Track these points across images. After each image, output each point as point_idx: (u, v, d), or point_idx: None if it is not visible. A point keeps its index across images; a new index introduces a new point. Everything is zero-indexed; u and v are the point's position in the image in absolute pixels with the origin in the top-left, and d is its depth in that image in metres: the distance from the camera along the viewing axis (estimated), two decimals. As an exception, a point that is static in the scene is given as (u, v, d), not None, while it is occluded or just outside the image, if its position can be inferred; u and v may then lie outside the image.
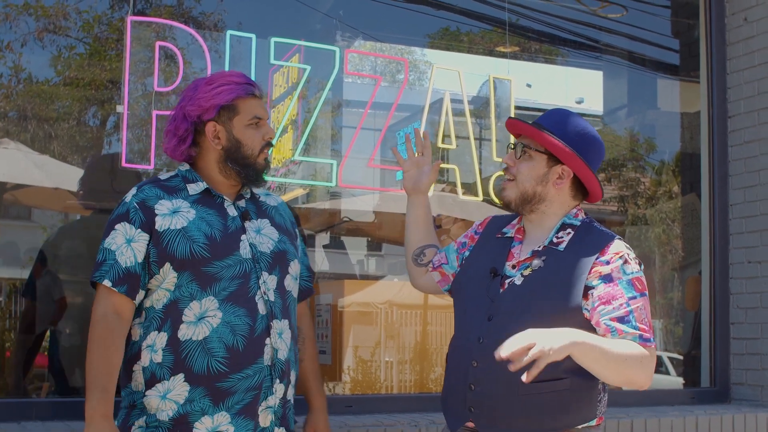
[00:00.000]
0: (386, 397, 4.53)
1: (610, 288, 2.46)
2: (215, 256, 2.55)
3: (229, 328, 2.52)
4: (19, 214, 4.62)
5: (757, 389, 4.62)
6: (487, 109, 4.67)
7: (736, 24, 4.86)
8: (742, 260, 4.74)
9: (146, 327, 2.57)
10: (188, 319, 2.52)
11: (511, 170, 2.66)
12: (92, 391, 2.45)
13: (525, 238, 2.68)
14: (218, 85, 2.64)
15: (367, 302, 5.45)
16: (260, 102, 2.69)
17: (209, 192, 2.65)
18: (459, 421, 2.63)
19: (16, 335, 4.45)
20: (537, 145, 2.63)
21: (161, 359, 2.52)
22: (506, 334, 2.32)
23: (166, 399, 2.51)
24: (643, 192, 6.24)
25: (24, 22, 4.16)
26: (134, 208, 2.57)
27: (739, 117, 4.82)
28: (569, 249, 2.57)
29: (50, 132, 4.36)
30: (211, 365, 2.50)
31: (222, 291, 2.54)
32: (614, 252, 2.52)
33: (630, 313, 2.43)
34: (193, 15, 4.47)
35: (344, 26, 4.82)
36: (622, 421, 4.03)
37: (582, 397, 2.55)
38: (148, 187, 2.63)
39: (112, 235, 2.55)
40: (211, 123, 2.64)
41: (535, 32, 5.38)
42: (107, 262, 2.53)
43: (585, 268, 2.50)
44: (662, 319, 6.17)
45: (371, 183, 4.92)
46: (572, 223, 2.64)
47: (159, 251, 2.54)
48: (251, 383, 2.53)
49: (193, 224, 2.56)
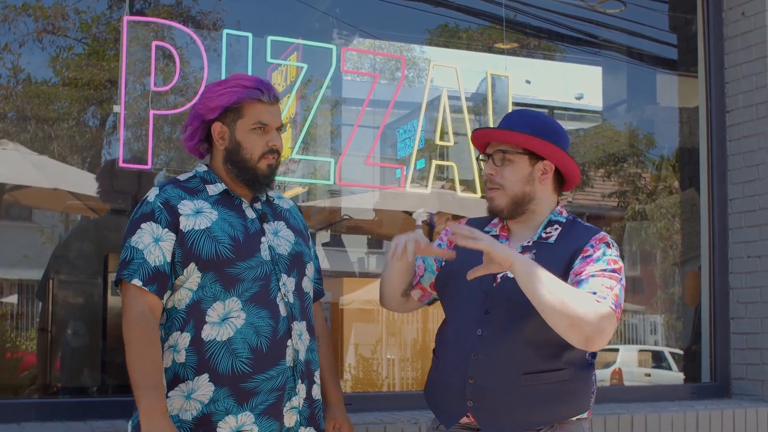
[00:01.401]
0: (386, 395, 4.54)
1: (585, 264, 2.53)
2: (239, 257, 2.56)
3: (253, 329, 2.54)
4: (19, 215, 4.62)
5: (757, 384, 4.62)
6: (485, 105, 4.67)
7: (734, 18, 4.86)
8: (742, 255, 4.74)
9: (168, 328, 2.58)
10: (212, 319, 2.53)
11: (494, 179, 2.67)
12: (145, 390, 2.43)
13: (511, 236, 2.72)
14: (227, 87, 2.66)
15: (368, 300, 5.45)
16: (269, 108, 2.67)
17: (228, 193, 2.67)
18: (455, 416, 2.64)
19: (17, 335, 4.46)
20: (514, 147, 2.66)
21: (184, 359, 2.53)
22: (506, 325, 2.39)
23: (191, 399, 2.52)
24: (643, 187, 6.24)
25: (22, 23, 4.17)
26: (159, 208, 2.57)
27: (737, 111, 4.82)
28: (558, 241, 2.64)
29: (49, 132, 4.36)
30: (236, 366, 2.51)
31: (245, 292, 2.55)
32: (599, 239, 2.61)
33: (590, 277, 2.48)
34: (190, 14, 4.48)
35: (341, 24, 4.82)
36: (622, 416, 4.04)
37: (579, 388, 2.61)
38: (170, 187, 2.64)
39: (139, 234, 2.55)
40: (217, 123, 2.66)
41: (533, 28, 5.38)
42: (135, 261, 2.52)
43: (575, 255, 2.58)
44: (663, 314, 6.18)
45: (370, 180, 4.92)
46: (558, 220, 2.71)
47: (184, 251, 2.54)
48: (275, 384, 2.55)
49: (216, 225, 2.58)
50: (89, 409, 3.48)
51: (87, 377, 4.19)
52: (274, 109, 2.68)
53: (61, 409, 3.47)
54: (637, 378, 7.67)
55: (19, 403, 3.59)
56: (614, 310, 2.44)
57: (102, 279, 4.17)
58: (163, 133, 4.39)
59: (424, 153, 4.78)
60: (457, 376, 2.60)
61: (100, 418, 3.41)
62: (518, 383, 2.53)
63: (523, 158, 2.66)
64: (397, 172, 4.83)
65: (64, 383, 4.20)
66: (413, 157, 4.55)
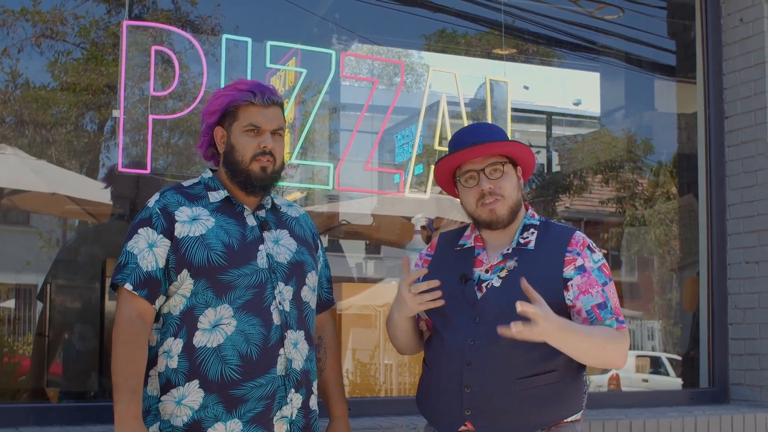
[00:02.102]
0: (384, 400, 4.53)
1: (586, 278, 2.63)
2: (232, 265, 2.56)
3: (243, 336, 2.53)
4: (17, 219, 4.62)
5: (755, 389, 4.62)
6: (483, 111, 4.67)
7: (732, 25, 4.87)
8: (740, 261, 4.74)
9: (163, 333, 2.59)
10: (203, 326, 2.54)
11: (495, 192, 2.67)
12: (122, 393, 2.47)
13: (486, 246, 2.74)
14: (224, 91, 2.68)
15: (366, 305, 5.45)
16: (263, 111, 2.65)
17: (230, 200, 2.67)
18: (454, 425, 2.65)
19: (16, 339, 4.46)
20: (500, 158, 2.68)
21: (176, 365, 2.54)
22: (496, 333, 2.41)
23: (181, 405, 2.52)
24: (641, 193, 6.24)
25: (21, 28, 4.17)
26: (156, 214, 2.59)
27: (735, 117, 4.82)
28: (538, 247, 2.68)
29: (47, 137, 4.36)
30: (225, 372, 2.51)
31: (237, 299, 2.55)
32: (581, 243, 2.67)
33: (606, 300, 2.63)
34: (189, 19, 4.48)
35: (340, 29, 4.83)
36: (620, 422, 4.03)
37: (570, 388, 2.64)
38: (170, 193, 2.65)
39: (135, 239, 2.58)
40: (219, 127, 2.67)
41: (532, 34, 5.39)
42: (129, 266, 2.55)
43: (558, 261, 2.64)
44: (661, 320, 6.18)
45: (368, 186, 4.92)
46: (533, 223, 2.74)
47: (177, 258, 2.56)
48: (264, 392, 2.54)
49: (211, 232, 2.58)
50: (87, 413, 3.48)
51: (85, 381, 4.19)
52: (269, 112, 2.66)
53: (59, 414, 3.46)
54: (635, 384, 7.67)
55: (17, 408, 3.58)
56: (626, 325, 2.65)
57: (100, 284, 4.17)
58: (162, 138, 4.39)
59: (423, 158, 4.78)
60: (453, 386, 2.61)
61: (97, 422, 3.41)
62: (513, 388, 2.56)
63: (510, 167, 2.70)
64: (396, 178, 4.83)
65: (62, 387, 4.20)
66: (412, 163, 4.55)
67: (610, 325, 2.59)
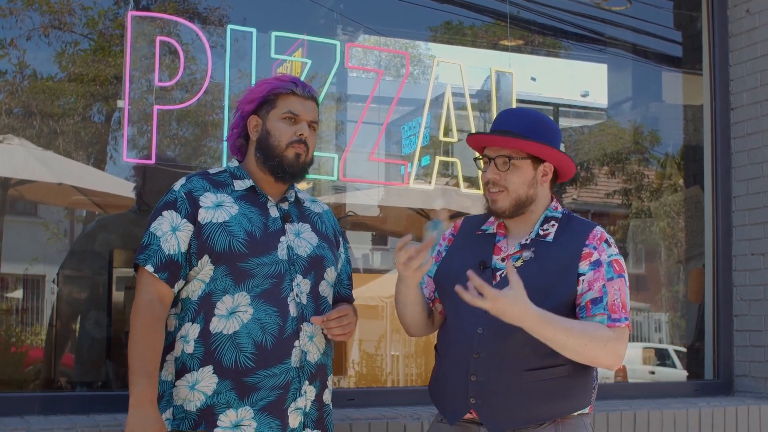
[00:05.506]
0: (389, 390, 4.55)
1: (597, 273, 2.59)
2: (252, 253, 2.58)
3: (259, 325, 2.56)
4: (24, 210, 4.64)
5: (760, 381, 4.62)
6: (489, 102, 4.67)
7: (739, 16, 4.85)
8: (746, 252, 4.74)
9: (181, 318, 2.61)
10: (220, 312, 2.56)
11: (498, 183, 2.67)
12: (139, 377, 2.49)
13: (508, 234, 2.73)
14: (264, 82, 2.73)
15: (372, 296, 5.46)
16: (302, 101, 2.70)
17: (254, 190, 2.69)
18: (459, 413, 2.65)
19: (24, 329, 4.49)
20: (518, 152, 2.66)
21: (192, 350, 2.56)
22: (505, 323, 2.40)
23: (195, 390, 2.55)
24: (648, 185, 6.23)
25: (28, 18, 4.18)
26: (182, 198, 2.62)
27: (742, 109, 4.82)
28: (557, 239, 2.66)
29: (54, 128, 4.37)
30: (239, 360, 2.54)
31: (255, 288, 2.57)
32: (598, 237, 2.64)
33: (604, 295, 2.56)
34: (195, 10, 4.49)
35: (346, 20, 4.83)
36: (625, 413, 4.04)
37: (579, 383, 2.62)
38: (196, 179, 2.68)
39: (159, 221, 2.60)
40: (253, 116, 2.71)
41: (538, 25, 5.38)
42: (152, 247, 2.58)
43: (575, 255, 2.61)
44: (667, 312, 6.18)
45: (374, 177, 4.92)
46: (554, 216, 2.72)
47: (199, 243, 2.58)
48: (277, 382, 2.56)
49: (234, 219, 2.60)
50: (93, 402, 3.50)
51: (92, 371, 4.21)
52: (308, 104, 2.72)
53: (65, 403, 3.48)
54: (641, 376, 7.66)
55: (23, 397, 3.61)
56: (627, 325, 2.56)
57: (107, 274, 4.19)
58: (168, 129, 4.41)
59: (429, 149, 4.79)
60: (460, 374, 2.62)
61: (103, 411, 3.43)
62: (519, 380, 2.55)
63: (526, 163, 2.67)
64: (401, 169, 4.83)
65: (69, 377, 4.22)
66: (417, 154, 4.55)
67: (601, 322, 2.54)
